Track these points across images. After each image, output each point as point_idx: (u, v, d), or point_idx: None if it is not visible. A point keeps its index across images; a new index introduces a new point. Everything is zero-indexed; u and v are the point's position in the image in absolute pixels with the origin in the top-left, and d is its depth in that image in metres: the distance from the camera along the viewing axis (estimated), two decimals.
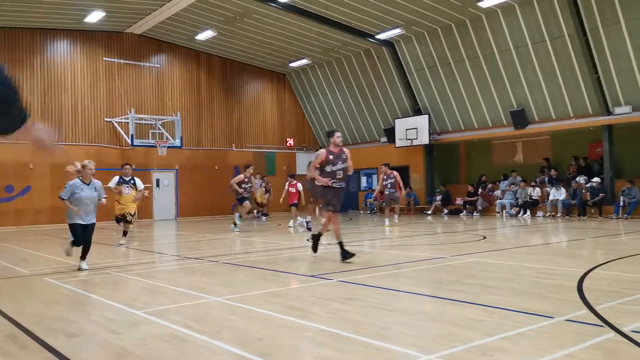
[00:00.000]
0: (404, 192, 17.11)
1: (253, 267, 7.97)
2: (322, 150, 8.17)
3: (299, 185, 15.68)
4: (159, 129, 22.10)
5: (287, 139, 27.26)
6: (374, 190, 25.28)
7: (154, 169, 22.64)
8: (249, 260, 8.85)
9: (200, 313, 4.99)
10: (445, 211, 21.61)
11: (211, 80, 24.84)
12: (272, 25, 20.72)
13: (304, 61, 24.86)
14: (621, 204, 16.82)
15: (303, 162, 27.66)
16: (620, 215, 16.72)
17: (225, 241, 12.71)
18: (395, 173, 15.77)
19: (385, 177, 15.81)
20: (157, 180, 22.79)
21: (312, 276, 6.91)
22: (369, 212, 24.24)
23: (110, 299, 5.69)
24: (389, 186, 15.74)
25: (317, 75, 25.96)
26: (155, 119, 22.15)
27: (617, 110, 17.22)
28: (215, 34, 21.65)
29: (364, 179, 26.59)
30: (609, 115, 17.44)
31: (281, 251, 10.24)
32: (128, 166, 11.59)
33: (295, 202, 15.69)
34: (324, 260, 9.18)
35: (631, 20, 15.74)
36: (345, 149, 8.27)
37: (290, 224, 15.98)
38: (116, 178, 11.39)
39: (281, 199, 16.10)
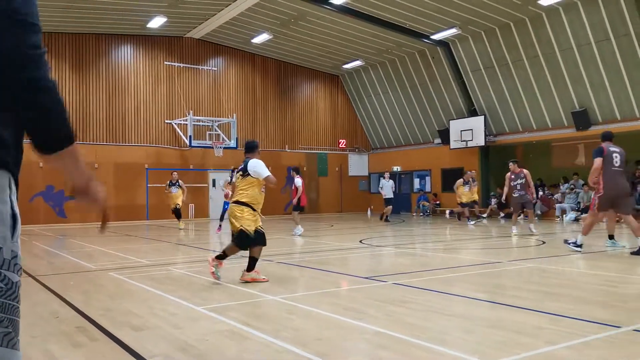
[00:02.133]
0: (534, 194, 14.45)
1: (307, 267, 8.06)
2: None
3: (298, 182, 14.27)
4: (216, 130, 22.67)
5: (340, 140, 27.34)
6: (426, 193, 25.00)
7: (210, 169, 23.24)
8: (304, 261, 8.95)
9: (258, 311, 5.10)
10: (502, 215, 21.05)
11: (266, 82, 25.25)
12: (326, 27, 20.85)
13: (357, 62, 24.86)
14: None
15: (355, 163, 27.71)
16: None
17: (279, 241, 12.89)
18: (525, 172, 13.38)
19: (513, 176, 13.47)
20: (214, 180, 23.35)
21: (365, 278, 6.92)
22: (422, 214, 23.94)
23: (172, 294, 5.90)
24: (518, 187, 13.33)
25: (370, 77, 25.90)
26: (212, 121, 22.73)
27: None
28: (271, 37, 22.00)
29: (416, 181, 26.30)
30: None
31: (333, 252, 10.29)
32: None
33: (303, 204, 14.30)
34: (376, 262, 9.17)
35: None
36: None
37: (297, 231, 13.97)
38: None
39: (295, 200, 14.45)
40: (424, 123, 24.70)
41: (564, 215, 18.97)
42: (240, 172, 6.83)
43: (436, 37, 20.76)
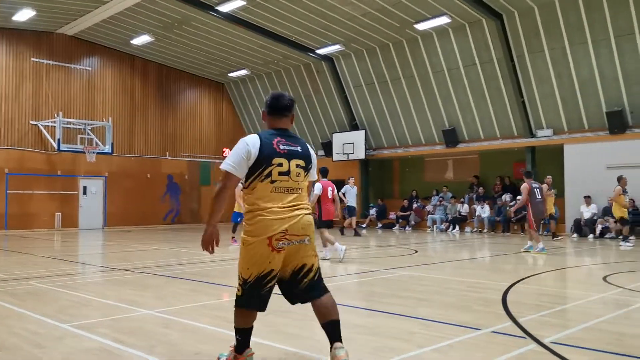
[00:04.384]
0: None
1: (187, 279, 7.80)
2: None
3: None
4: (88, 134, 21.23)
5: (224, 149, 26.96)
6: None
7: (81, 175, 21.69)
8: (183, 272, 8.65)
9: (132, 326, 4.82)
10: (379, 225, 22.05)
11: (146, 86, 24.21)
12: (212, 34, 20.53)
13: (243, 72, 24.76)
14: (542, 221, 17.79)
15: None
16: (540, 233, 17.67)
17: (156, 252, 12.35)
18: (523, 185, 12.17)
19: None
20: (85, 188, 21.83)
21: None
22: None
23: (34, 312, 5.40)
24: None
25: (256, 86, 25.91)
26: (85, 124, 21.27)
27: (540, 133, 18.31)
28: (152, 39, 21.17)
29: None
30: (532, 137, 18.51)
31: (213, 263, 10.08)
32: None
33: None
34: None
35: (554, 49, 16.85)
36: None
37: (327, 253, 10.39)
38: None
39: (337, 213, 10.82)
40: (308, 135, 25.19)
41: (435, 226, 20.33)
42: None
43: (321, 51, 21.34)
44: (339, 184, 24.50)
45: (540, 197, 11.69)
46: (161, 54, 23.33)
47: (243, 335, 3.60)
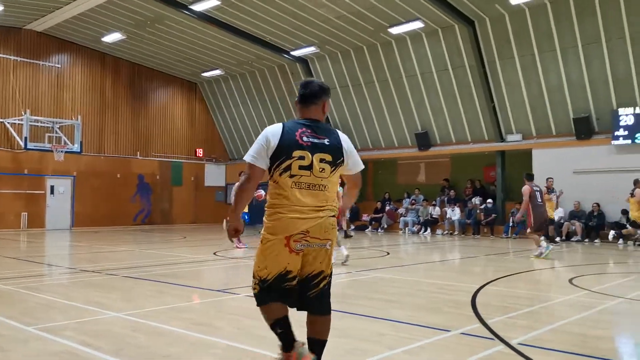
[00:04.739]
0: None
1: (157, 281, 7.69)
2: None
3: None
4: (57, 133, 20.75)
5: (197, 149, 26.70)
6: None
7: (48, 174, 21.18)
8: (153, 274, 8.53)
9: (99, 329, 4.73)
10: (352, 227, 22.12)
11: (117, 85, 23.80)
12: (185, 33, 20.31)
13: (217, 72, 24.56)
14: (510, 224, 18.15)
15: (212, 173, 27.23)
16: (509, 235, 18.03)
17: (125, 253, 12.15)
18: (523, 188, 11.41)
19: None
20: (52, 187, 21.32)
21: (218, 291, 6.80)
22: None
23: None
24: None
25: (230, 87, 25.75)
26: (53, 122, 20.78)
27: (509, 137, 18.66)
28: (124, 37, 20.82)
29: None
30: (502, 142, 18.85)
31: (184, 264, 9.96)
32: None
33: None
34: (231, 275, 9.07)
35: (524, 56, 17.20)
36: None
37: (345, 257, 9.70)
38: None
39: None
40: None
41: (407, 228, 20.50)
42: None
43: (295, 53, 21.33)
44: None
45: (540, 200, 11.23)
46: (133, 52, 22.97)
47: (281, 327, 3.29)
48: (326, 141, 3.26)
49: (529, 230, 11.27)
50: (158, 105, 25.37)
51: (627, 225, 15.05)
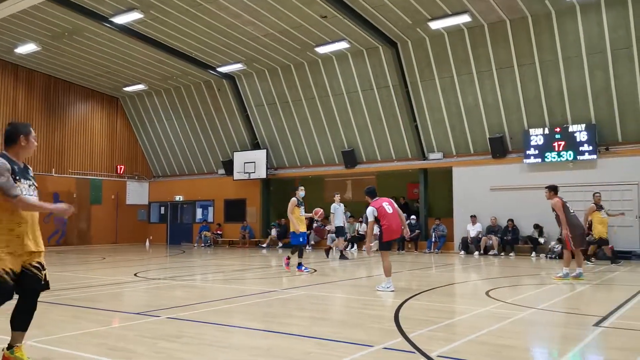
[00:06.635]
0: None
1: (71, 306, 7.25)
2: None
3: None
4: None
5: (118, 166, 25.69)
6: (208, 223, 24.86)
7: None
8: (67, 298, 8.04)
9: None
10: (280, 245, 22.02)
11: (31, 97, 22.54)
12: (106, 46, 19.60)
13: (140, 86, 23.86)
14: (433, 239, 18.78)
15: (134, 191, 26.26)
16: (432, 250, 18.64)
17: None
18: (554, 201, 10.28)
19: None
20: None
21: (137, 313, 6.51)
22: (203, 244, 23.71)
23: None
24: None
25: (153, 102, 25.06)
26: None
27: (431, 155, 19.40)
28: (39, 48, 19.79)
29: (199, 211, 26.01)
30: (424, 160, 19.55)
31: (101, 287, 9.49)
32: None
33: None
34: (153, 296, 8.73)
35: (444, 78, 18.02)
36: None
37: (387, 285, 8.48)
38: None
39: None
40: (209, 153, 24.73)
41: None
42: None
43: (222, 69, 21.15)
44: (240, 204, 24.27)
45: (572, 211, 10.26)
46: (49, 64, 21.88)
47: None
48: None
49: (572, 247, 9.97)
50: (76, 120, 24.25)
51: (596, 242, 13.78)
